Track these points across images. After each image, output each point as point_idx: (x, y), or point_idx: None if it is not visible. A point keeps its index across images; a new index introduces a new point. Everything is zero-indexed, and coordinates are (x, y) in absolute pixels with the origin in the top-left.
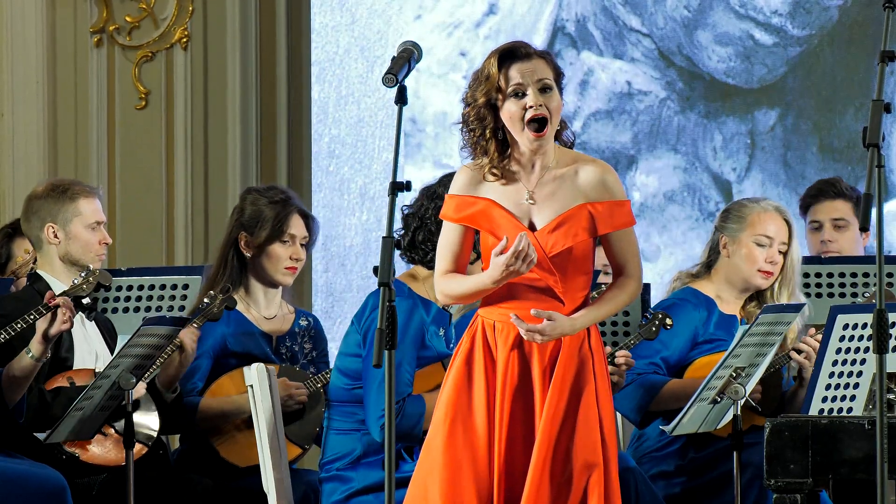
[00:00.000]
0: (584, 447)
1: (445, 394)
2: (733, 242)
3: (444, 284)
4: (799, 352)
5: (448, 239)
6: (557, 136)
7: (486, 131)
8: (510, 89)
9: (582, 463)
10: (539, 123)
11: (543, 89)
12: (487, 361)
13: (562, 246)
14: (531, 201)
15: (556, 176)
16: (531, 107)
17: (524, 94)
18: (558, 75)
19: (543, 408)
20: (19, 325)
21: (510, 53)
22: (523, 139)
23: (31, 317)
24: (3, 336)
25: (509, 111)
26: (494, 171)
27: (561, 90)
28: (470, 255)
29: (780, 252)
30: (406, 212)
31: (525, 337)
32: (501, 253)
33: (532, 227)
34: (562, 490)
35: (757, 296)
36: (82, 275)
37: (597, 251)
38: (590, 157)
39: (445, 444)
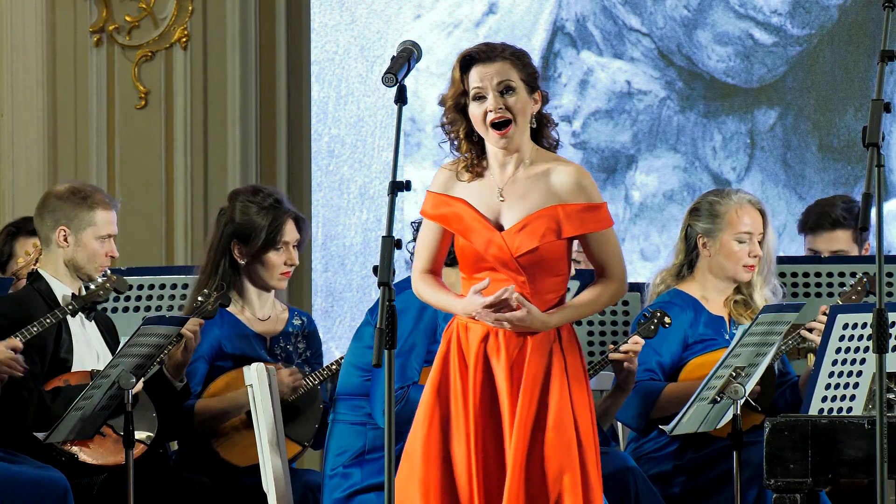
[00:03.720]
0: (558, 450)
1: (424, 397)
2: (713, 242)
3: (420, 286)
4: (810, 331)
5: (426, 236)
6: (539, 136)
7: (458, 132)
8: (472, 93)
9: (557, 466)
10: (501, 124)
11: (505, 91)
12: (461, 363)
13: (527, 247)
14: (501, 199)
15: (529, 175)
16: (490, 111)
17: (485, 98)
18: (529, 75)
19: (515, 412)
20: (35, 329)
21: (472, 57)
22: (490, 139)
23: (48, 320)
24: (20, 338)
25: (473, 114)
26: (469, 170)
27: (534, 89)
28: (447, 253)
29: (758, 242)
30: None
31: (491, 323)
32: (482, 292)
33: (500, 227)
34: (539, 494)
35: (737, 288)
36: (99, 280)
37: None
38: (566, 159)
39: (424, 449)
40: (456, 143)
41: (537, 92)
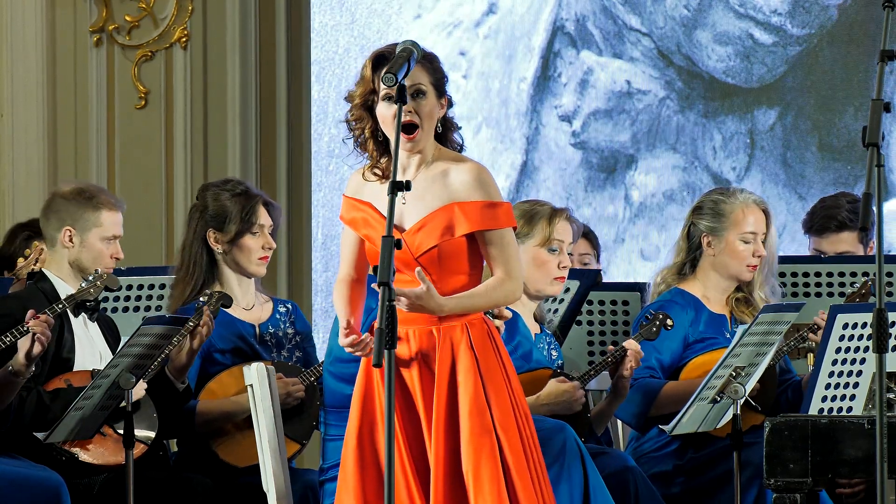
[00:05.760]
0: (474, 438)
1: (352, 405)
2: (718, 241)
3: (335, 294)
4: (816, 330)
5: (344, 241)
6: (444, 139)
7: (364, 131)
8: (382, 93)
9: (474, 455)
10: (409, 128)
11: (416, 94)
12: (380, 369)
13: (427, 245)
14: (403, 201)
15: (429, 176)
16: None
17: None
18: (438, 79)
19: (430, 413)
20: (8, 339)
21: (384, 57)
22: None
23: (15, 336)
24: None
25: (382, 115)
26: (376, 171)
27: (442, 93)
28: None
29: (761, 242)
30: None
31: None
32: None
33: (402, 229)
34: (460, 486)
35: (737, 286)
36: (90, 278)
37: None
38: (467, 157)
39: (355, 457)
40: (360, 140)
41: (444, 97)
